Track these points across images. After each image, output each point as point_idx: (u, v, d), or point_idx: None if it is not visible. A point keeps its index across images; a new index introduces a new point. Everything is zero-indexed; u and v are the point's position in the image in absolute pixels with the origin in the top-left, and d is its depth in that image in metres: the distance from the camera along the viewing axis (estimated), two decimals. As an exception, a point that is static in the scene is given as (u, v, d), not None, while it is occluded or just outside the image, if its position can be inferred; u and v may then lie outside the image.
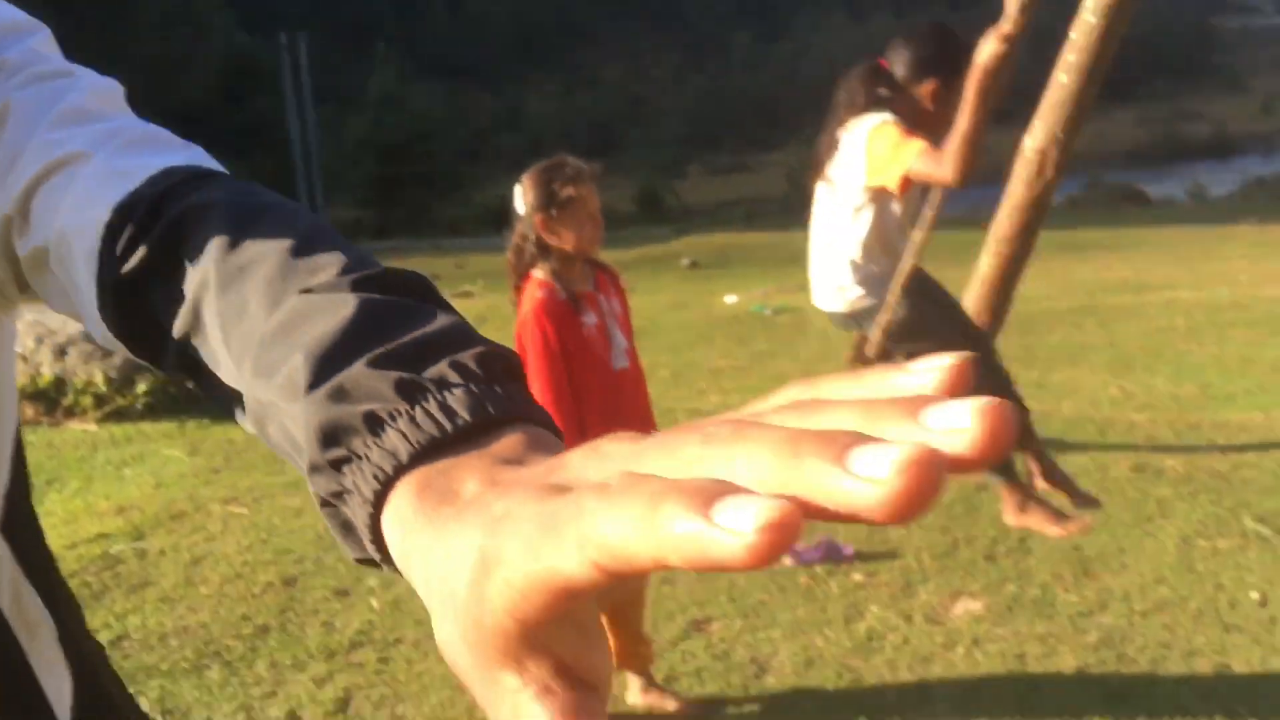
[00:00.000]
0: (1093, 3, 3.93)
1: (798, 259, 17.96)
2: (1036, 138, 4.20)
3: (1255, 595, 3.45)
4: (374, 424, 0.40)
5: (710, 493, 0.26)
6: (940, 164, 3.07)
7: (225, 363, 0.51)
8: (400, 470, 0.39)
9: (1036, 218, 4.36)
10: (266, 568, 3.99)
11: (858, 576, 3.70)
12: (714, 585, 3.67)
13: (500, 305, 12.56)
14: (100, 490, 5.08)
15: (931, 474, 0.25)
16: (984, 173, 3.20)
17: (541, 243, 2.62)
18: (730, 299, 12.51)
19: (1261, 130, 52.74)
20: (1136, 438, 5.18)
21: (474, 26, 75.48)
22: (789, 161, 43.38)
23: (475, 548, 0.32)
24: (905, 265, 3.50)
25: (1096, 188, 33.18)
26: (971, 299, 4.63)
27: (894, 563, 3.80)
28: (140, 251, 0.57)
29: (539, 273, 2.63)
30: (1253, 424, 5.29)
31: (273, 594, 3.74)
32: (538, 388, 2.53)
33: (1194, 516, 4.10)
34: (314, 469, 0.42)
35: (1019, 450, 3.98)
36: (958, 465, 0.27)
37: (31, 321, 6.34)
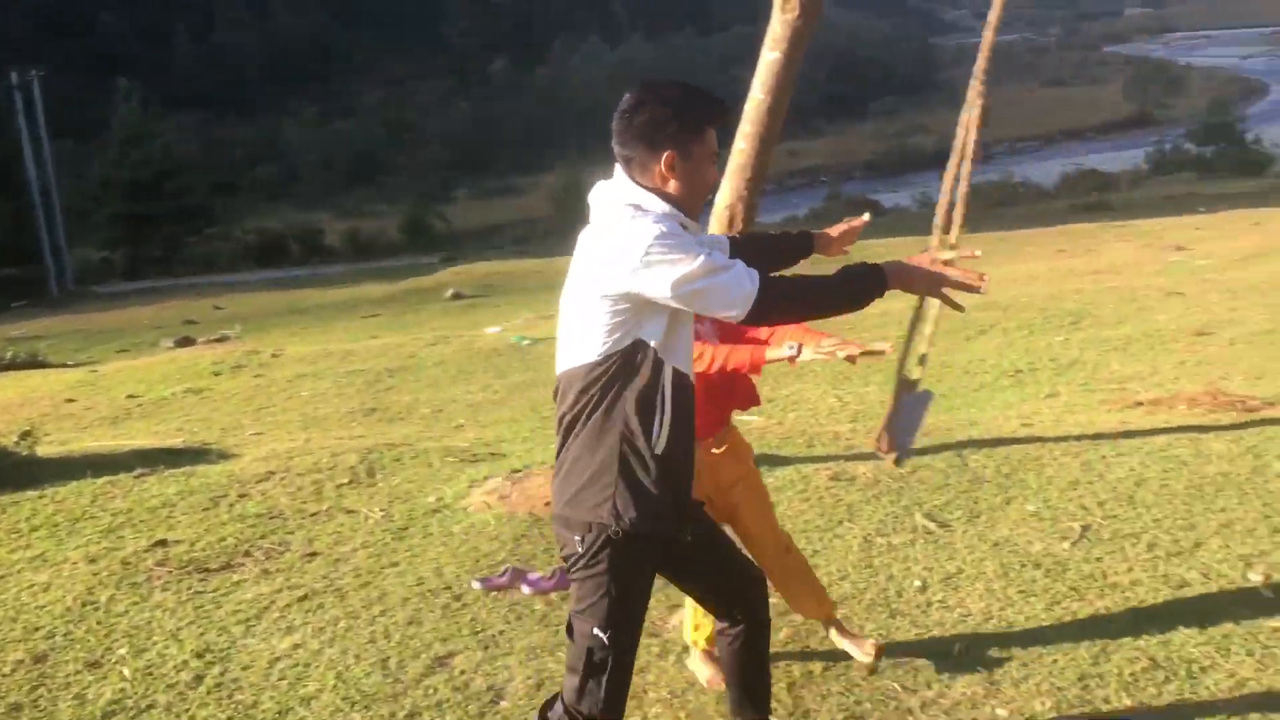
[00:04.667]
0: (760, 82, 4.52)
1: (560, 286, 18.53)
2: (725, 196, 4.76)
3: (917, 583, 4.08)
4: None
5: None
6: None
7: None
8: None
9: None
10: (15, 646, 4.03)
11: (588, 600, 4.11)
12: (458, 620, 4.00)
13: (261, 350, 12.46)
14: None
15: None
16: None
17: None
18: (493, 330, 12.86)
19: (980, 141, 57.39)
20: (838, 447, 5.86)
21: (224, 55, 72.73)
22: (554, 184, 44.21)
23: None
24: None
25: (836, 199, 35.45)
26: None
27: (620, 584, 4.23)
28: None
29: None
30: (936, 427, 6.05)
31: (23, 671, 3.81)
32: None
33: (876, 517, 4.74)
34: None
35: None
36: None
37: None
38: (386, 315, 16.40)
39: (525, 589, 4.17)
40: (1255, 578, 3.88)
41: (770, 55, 4.52)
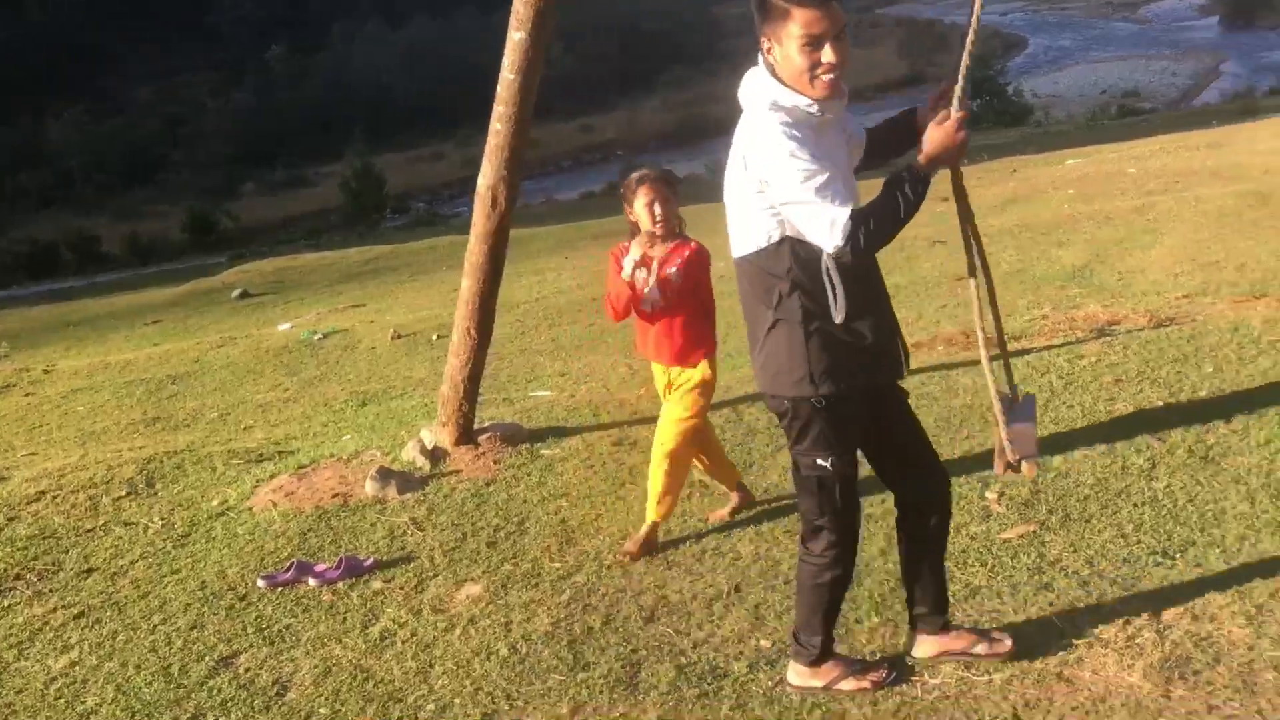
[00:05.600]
0: (509, 62, 4.61)
1: (352, 277, 18.08)
2: (486, 177, 4.83)
3: (693, 534, 4.29)
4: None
5: None
6: None
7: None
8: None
9: (500, 243, 5.01)
10: None
11: (377, 585, 4.16)
12: (242, 620, 3.98)
13: (31, 368, 11.73)
14: None
15: None
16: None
17: (631, 221, 4.11)
18: (284, 327, 12.51)
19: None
20: (624, 414, 6.04)
21: (-30, 54, 67.39)
22: (343, 173, 42.98)
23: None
24: None
25: (630, 173, 35.91)
26: (459, 319, 5.22)
27: (409, 565, 4.30)
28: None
29: (627, 241, 4.14)
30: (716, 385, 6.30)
31: None
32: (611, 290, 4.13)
33: (657, 477, 4.93)
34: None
35: None
36: None
37: None
38: (169, 320, 15.69)
39: (311, 581, 4.17)
40: (990, 496, 4.25)
41: (516, 35, 4.61)
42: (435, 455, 5.40)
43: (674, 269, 4.08)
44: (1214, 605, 3.24)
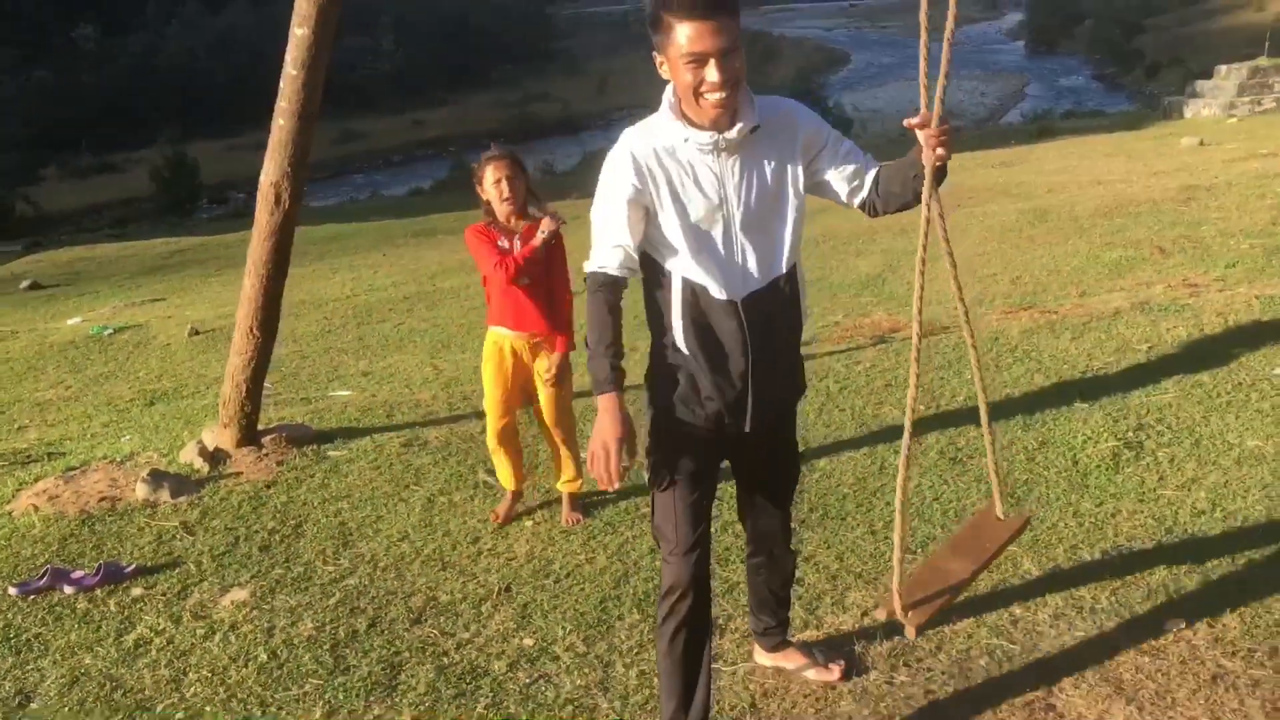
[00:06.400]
0: (291, 57, 4.53)
1: (154, 270, 17.23)
2: (270, 174, 4.74)
3: (471, 535, 4.32)
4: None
5: None
6: None
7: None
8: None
9: (284, 241, 4.92)
10: None
11: (137, 591, 4.02)
12: (-13, 631, 3.79)
13: None
14: None
15: None
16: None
17: (485, 201, 4.23)
18: (73, 321, 11.89)
19: (600, 108, 59.68)
20: (418, 414, 6.01)
21: None
22: (155, 160, 40.95)
23: None
24: None
25: (462, 169, 35.53)
26: (241, 318, 5.09)
27: (174, 571, 4.17)
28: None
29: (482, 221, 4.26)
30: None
31: None
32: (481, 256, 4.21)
33: (442, 478, 4.95)
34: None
35: None
36: None
37: None
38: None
39: (67, 589, 4.00)
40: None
41: (299, 31, 4.54)
42: (215, 457, 5.26)
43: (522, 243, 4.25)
44: (943, 597, 3.47)
